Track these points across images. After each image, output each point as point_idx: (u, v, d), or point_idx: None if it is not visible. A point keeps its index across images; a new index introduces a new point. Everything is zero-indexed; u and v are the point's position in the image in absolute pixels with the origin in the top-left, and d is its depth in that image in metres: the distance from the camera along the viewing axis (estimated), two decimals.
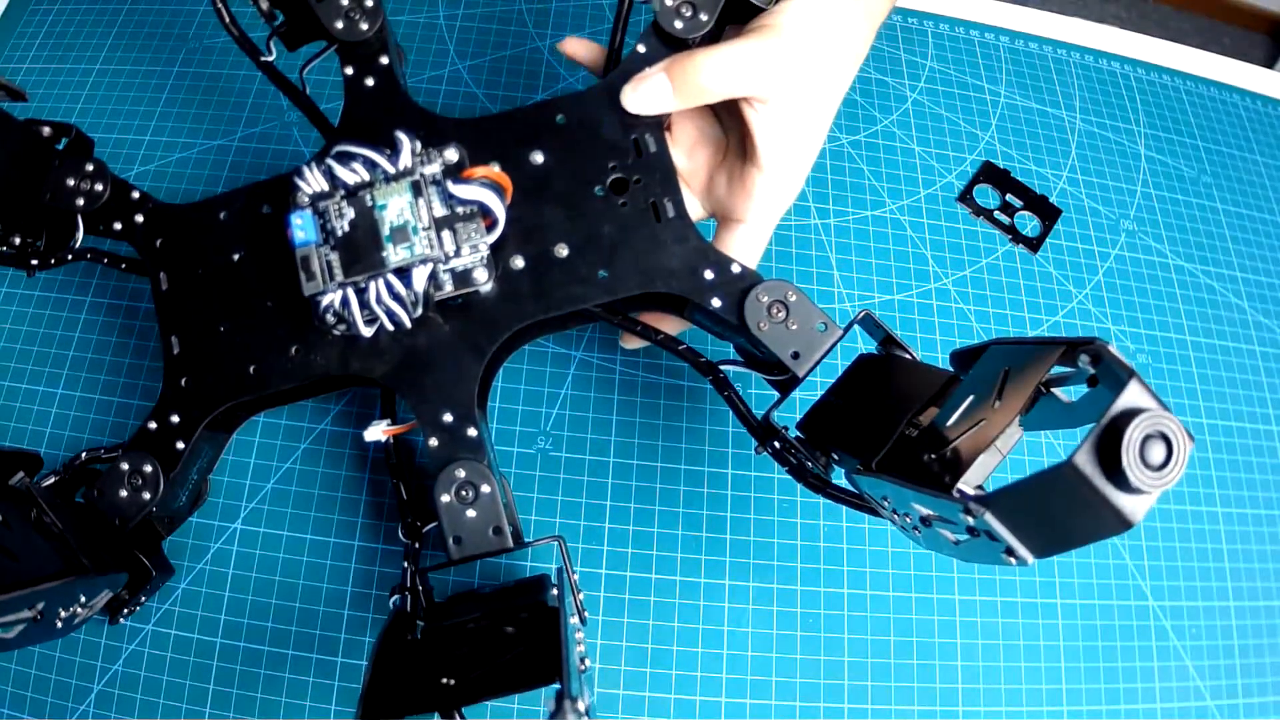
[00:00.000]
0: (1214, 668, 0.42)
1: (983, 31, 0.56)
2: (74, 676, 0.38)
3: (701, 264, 0.33)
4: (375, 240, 0.31)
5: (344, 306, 0.31)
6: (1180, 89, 0.57)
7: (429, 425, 0.32)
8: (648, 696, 0.38)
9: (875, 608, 0.40)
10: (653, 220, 0.33)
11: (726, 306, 0.32)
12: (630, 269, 0.33)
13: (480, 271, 0.32)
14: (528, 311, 0.33)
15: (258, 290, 0.35)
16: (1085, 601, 0.42)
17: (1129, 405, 0.19)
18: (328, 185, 0.32)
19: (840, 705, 0.39)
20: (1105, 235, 0.50)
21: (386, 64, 0.36)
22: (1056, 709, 0.40)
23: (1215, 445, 0.46)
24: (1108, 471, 0.19)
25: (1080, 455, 0.19)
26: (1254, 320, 0.50)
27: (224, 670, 0.38)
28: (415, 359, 0.33)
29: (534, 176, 0.34)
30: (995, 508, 0.21)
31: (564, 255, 0.33)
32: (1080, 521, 0.20)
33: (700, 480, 0.42)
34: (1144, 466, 0.19)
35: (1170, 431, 0.19)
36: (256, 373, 0.34)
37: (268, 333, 0.34)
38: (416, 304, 0.31)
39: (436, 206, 0.32)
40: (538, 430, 0.42)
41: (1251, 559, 0.44)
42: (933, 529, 0.24)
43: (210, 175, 0.47)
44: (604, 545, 0.40)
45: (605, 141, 0.34)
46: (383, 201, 0.31)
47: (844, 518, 0.42)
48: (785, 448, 0.32)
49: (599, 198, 0.34)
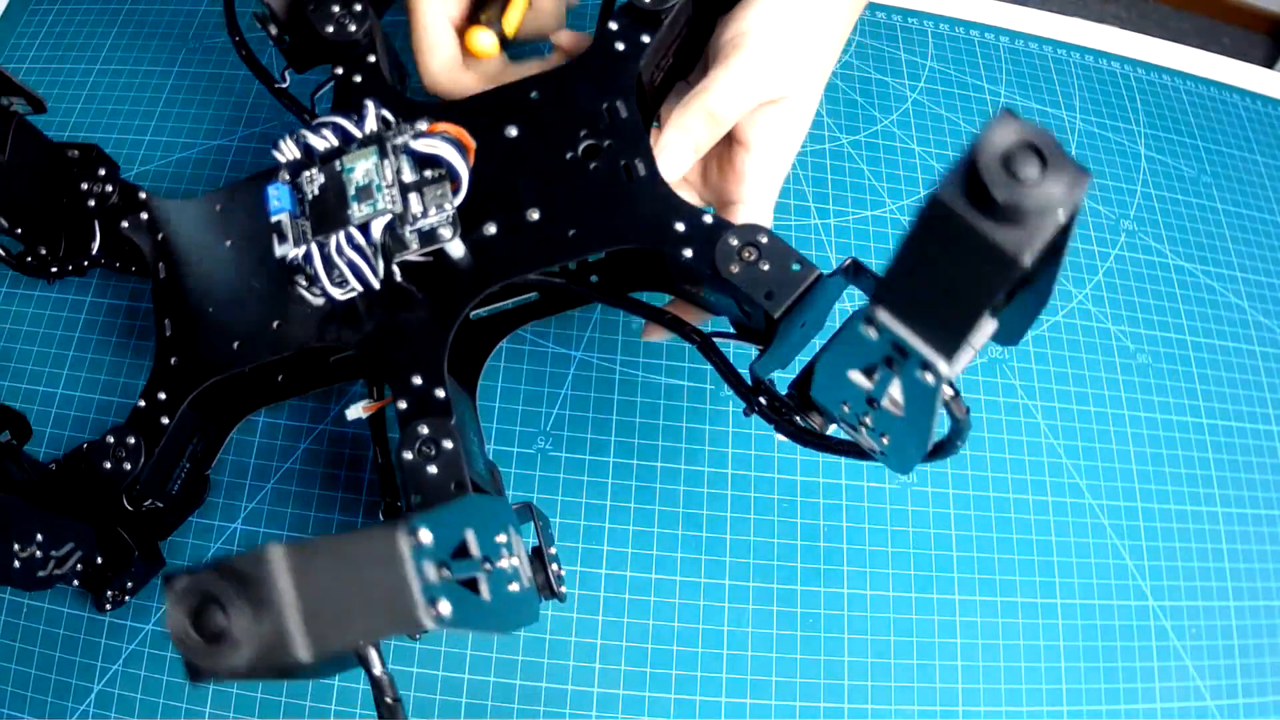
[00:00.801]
0: (1214, 668, 0.42)
1: (983, 31, 0.56)
2: (74, 676, 0.38)
3: (672, 217, 0.33)
4: (342, 201, 0.32)
5: (308, 262, 0.32)
6: (1180, 89, 0.57)
7: (399, 390, 0.32)
8: (648, 696, 0.38)
9: (875, 608, 0.40)
10: (624, 180, 0.34)
11: (698, 255, 0.32)
12: (600, 227, 0.33)
13: (445, 229, 0.32)
14: (499, 273, 0.33)
15: (245, 272, 0.36)
16: (1085, 601, 0.42)
17: (990, 130, 0.16)
18: (301, 154, 0.33)
19: (840, 705, 0.39)
20: (1105, 235, 0.50)
21: (373, 61, 0.37)
22: (1056, 709, 0.40)
23: (1215, 445, 0.46)
24: (978, 204, 0.16)
25: (944, 188, 0.16)
26: (1254, 320, 0.50)
27: None
28: (388, 327, 0.33)
29: (508, 148, 0.35)
30: (881, 302, 0.20)
31: (535, 219, 0.34)
32: (966, 283, 0.18)
33: (700, 480, 0.42)
34: (1012, 179, 0.16)
35: (1037, 140, 0.16)
36: (240, 348, 0.35)
37: (251, 310, 0.35)
38: (377, 254, 0.32)
39: (406, 173, 0.32)
40: (538, 430, 0.42)
41: (1251, 559, 0.44)
42: (880, 409, 0.23)
43: (210, 175, 0.47)
44: (604, 545, 0.40)
45: (578, 112, 0.35)
46: (350, 165, 0.33)
47: (844, 518, 0.42)
48: (774, 403, 0.31)
49: (571, 163, 0.34)
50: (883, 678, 0.39)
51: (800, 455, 0.42)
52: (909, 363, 0.21)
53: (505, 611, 0.25)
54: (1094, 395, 0.46)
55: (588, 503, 0.41)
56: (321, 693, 0.37)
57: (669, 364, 0.44)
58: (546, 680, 0.38)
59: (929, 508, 0.42)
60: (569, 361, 0.44)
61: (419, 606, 0.20)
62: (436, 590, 0.20)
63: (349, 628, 0.19)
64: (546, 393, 0.43)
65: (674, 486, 0.41)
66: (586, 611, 0.39)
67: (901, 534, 0.42)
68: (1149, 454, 0.45)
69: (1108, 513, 0.43)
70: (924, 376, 0.20)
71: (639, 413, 0.43)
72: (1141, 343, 0.48)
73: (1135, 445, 0.45)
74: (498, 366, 0.43)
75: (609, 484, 0.41)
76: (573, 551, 0.40)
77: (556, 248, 0.33)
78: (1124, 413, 0.46)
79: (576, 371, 0.43)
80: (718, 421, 0.43)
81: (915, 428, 0.23)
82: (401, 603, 0.20)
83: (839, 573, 0.41)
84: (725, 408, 0.43)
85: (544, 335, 0.44)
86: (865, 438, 0.26)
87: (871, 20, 0.56)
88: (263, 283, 0.35)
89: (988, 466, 0.43)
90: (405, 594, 0.20)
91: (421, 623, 0.20)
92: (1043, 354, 0.46)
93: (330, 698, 0.37)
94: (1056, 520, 0.43)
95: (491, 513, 0.26)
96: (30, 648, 0.38)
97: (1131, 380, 0.47)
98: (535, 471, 0.41)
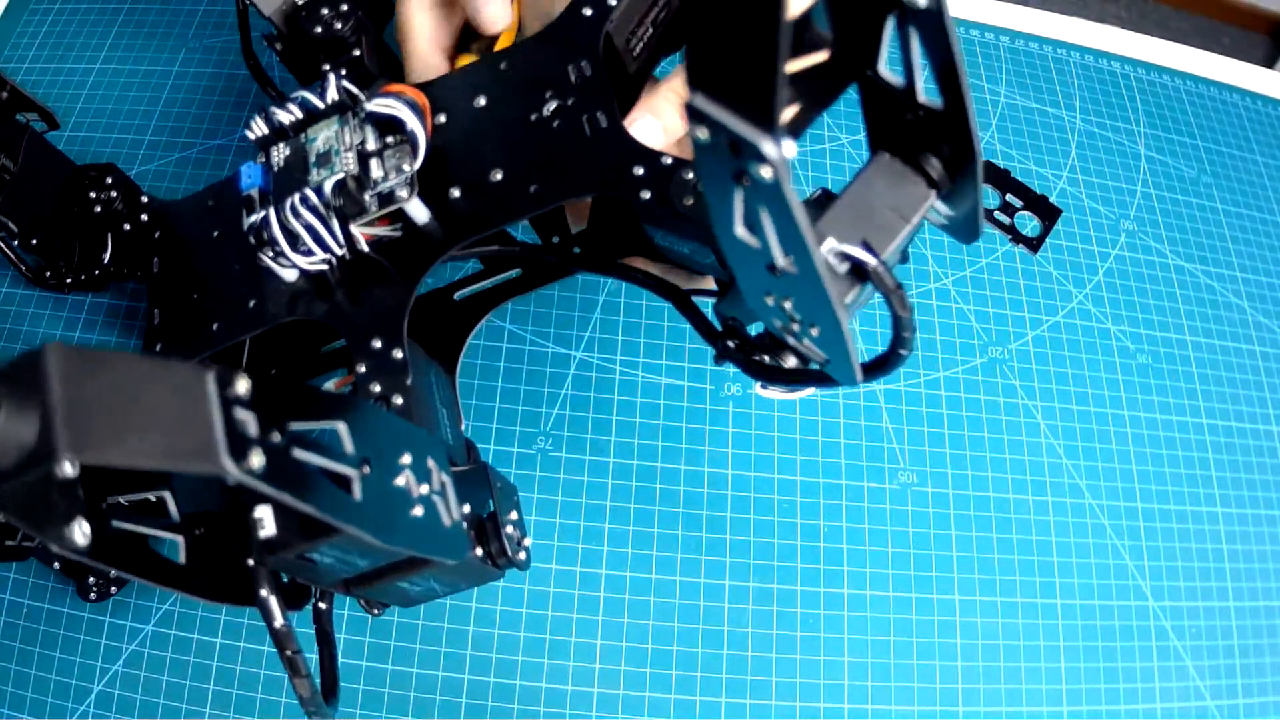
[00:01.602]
0: (1214, 668, 0.42)
1: (983, 31, 0.56)
2: (74, 676, 0.38)
3: (631, 162, 0.33)
4: (304, 168, 0.33)
5: (266, 227, 0.33)
6: (1180, 89, 0.57)
7: (359, 354, 0.32)
8: (648, 696, 0.38)
9: (875, 608, 0.40)
10: (585, 134, 0.34)
11: (656, 196, 0.32)
12: (560, 180, 0.33)
13: (402, 190, 0.33)
14: (463, 233, 0.34)
15: (227, 257, 0.36)
16: (1085, 601, 0.42)
17: None
18: (269, 130, 0.35)
19: (840, 705, 0.39)
20: (1105, 235, 0.50)
21: (358, 55, 0.38)
22: (1056, 709, 0.40)
23: (1215, 445, 0.46)
24: None
25: None
26: (1254, 320, 0.50)
27: (224, 670, 0.38)
28: (353, 296, 0.34)
29: (475, 117, 0.35)
30: (696, 87, 0.18)
31: (498, 179, 0.34)
32: (748, 34, 0.17)
33: (700, 480, 0.42)
34: None
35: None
36: (219, 329, 0.35)
37: (231, 292, 0.36)
38: (332, 215, 0.32)
39: (370, 141, 0.33)
40: (538, 430, 0.42)
41: (1251, 559, 0.44)
42: (783, 277, 0.22)
43: (210, 175, 0.47)
44: (604, 545, 0.40)
45: (544, 76, 0.35)
46: (314, 135, 0.34)
47: (844, 518, 0.42)
48: (743, 345, 0.31)
49: (535, 123, 0.35)
50: (883, 678, 0.39)
51: (800, 455, 0.42)
52: (748, 165, 0.19)
53: (400, 529, 0.24)
54: (1094, 395, 0.46)
55: (588, 503, 0.41)
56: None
57: (669, 364, 0.44)
58: (546, 680, 0.38)
59: (929, 508, 0.42)
60: (569, 361, 0.44)
61: (219, 446, 0.18)
62: (252, 443, 0.19)
63: (126, 444, 0.17)
64: (546, 393, 0.43)
65: (674, 486, 0.41)
66: (586, 611, 0.39)
67: (901, 534, 0.42)
68: (1149, 454, 0.45)
69: (1108, 513, 0.43)
70: (762, 173, 0.18)
71: (639, 413, 0.43)
72: (1141, 343, 0.48)
73: (1135, 445, 0.45)
74: (498, 366, 0.43)
75: (609, 484, 0.41)
76: (573, 551, 0.40)
77: (518, 204, 0.33)
78: (1124, 413, 0.46)
79: (576, 371, 0.43)
80: (718, 421, 0.43)
81: (808, 282, 0.21)
82: (198, 437, 0.18)
83: (839, 573, 0.41)
84: (725, 408, 0.43)
85: (544, 335, 0.44)
86: (808, 346, 0.26)
87: None
88: (241, 264, 0.36)
89: (988, 466, 0.43)
90: (205, 429, 0.18)
91: (221, 463, 0.18)
92: (1043, 354, 0.46)
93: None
94: (1056, 520, 0.43)
95: (399, 430, 0.26)
96: (30, 648, 0.38)
97: (1131, 380, 0.47)
98: (535, 471, 0.41)
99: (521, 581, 0.39)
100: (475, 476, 0.31)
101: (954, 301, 0.47)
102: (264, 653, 0.38)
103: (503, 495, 0.31)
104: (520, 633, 0.39)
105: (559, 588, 0.39)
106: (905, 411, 0.44)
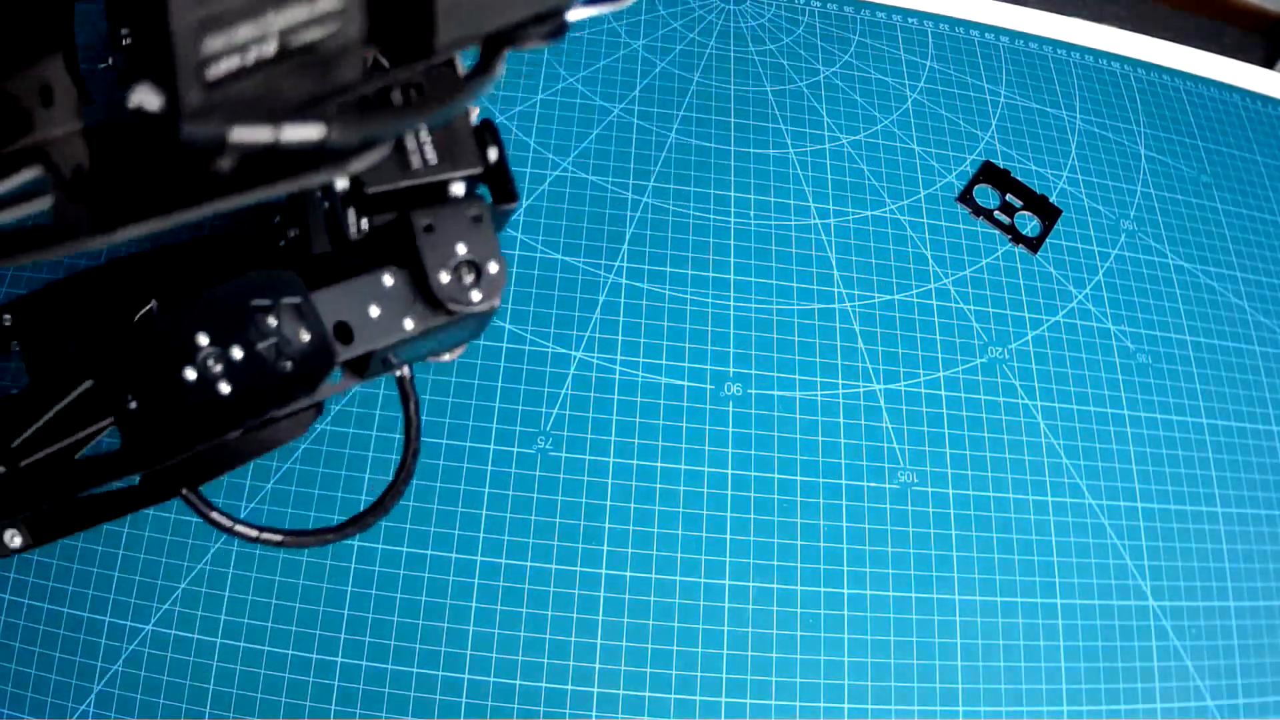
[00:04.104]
0: (1214, 668, 0.42)
1: (983, 31, 0.56)
2: (74, 676, 0.38)
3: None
4: None
5: None
6: (1180, 89, 0.57)
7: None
8: (648, 696, 0.38)
9: (875, 608, 0.40)
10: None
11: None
12: None
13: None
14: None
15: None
16: (1085, 601, 0.42)
17: None
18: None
19: (840, 705, 0.39)
20: (1105, 235, 0.50)
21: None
22: (1056, 709, 0.40)
23: (1215, 445, 0.46)
24: None
25: None
26: (1254, 320, 0.50)
27: (224, 670, 0.38)
28: None
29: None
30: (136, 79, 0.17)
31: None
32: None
33: (700, 480, 0.42)
34: None
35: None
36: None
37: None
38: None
39: None
40: (538, 430, 0.42)
41: (1251, 559, 0.44)
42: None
43: None
44: (604, 545, 0.40)
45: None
46: None
47: (844, 518, 0.42)
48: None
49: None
50: (883, 678, 0.39)
51: (800, 455, 0.42)
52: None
53: None
54: (1094, 395, 0.46)
55: (588, 503, 0.41)
56: (321, 693, 0.37)
57: (669, 364, 0.44)
58: (546, 680, 0.38)
59: (929, 508, 0.42)
60: (569, 361, 0.44)
61: None
62: None
63: None
64: (546, 393, 0.43)
65: (674, 486, 0.41)
66: (586, 611, 0.39)
67: (901, 534, 0.42)
68: (1149, 454, 0.45)
69: (1108, 513, 0.43)
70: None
71: (639, 413, 0.43)
72: (1141, 343, 0.48)
73: (1135, 445, 0.45)
74: (498, 366, 0.43)
75: (609, 484, 0.41)
76: (573, 551, 0.40)
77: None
78: (1124, 413, 0.46)
79: (576, 371, 0.43)
80: (718, 421, 0.43)
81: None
82: None
83: (839, 573, 0.41)
84: (725, 408, 0.43)
85: (544, 335, 0.44)
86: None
87: (871, 20, 0.56)
88: None
89: (988, 466, 0.43)
90: None
91: None
92: (1043, 354, 0.46)
93: (330, 698, 0.37)
94: (1056, 520, 0.43)
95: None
96: (30, 648, 0.38)
97: (1131, 380, 0.47)
98: (535, 472, 0.41)
99: (522, 581, 0.39)
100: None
101: (954, 301, 0.47)
102: (264, 652, 0.38)
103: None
104: (520, 633, 0.39)
105: (559, 588, 0.39)
106: (905, 411, 0.44)
